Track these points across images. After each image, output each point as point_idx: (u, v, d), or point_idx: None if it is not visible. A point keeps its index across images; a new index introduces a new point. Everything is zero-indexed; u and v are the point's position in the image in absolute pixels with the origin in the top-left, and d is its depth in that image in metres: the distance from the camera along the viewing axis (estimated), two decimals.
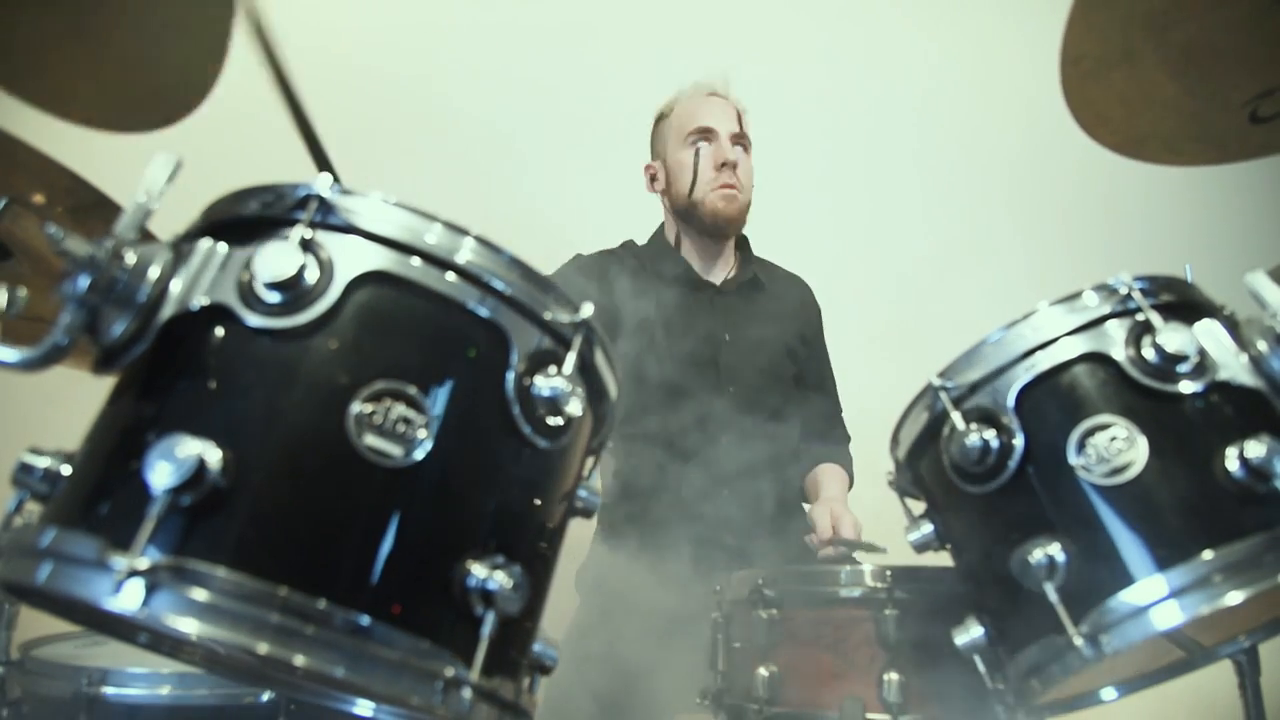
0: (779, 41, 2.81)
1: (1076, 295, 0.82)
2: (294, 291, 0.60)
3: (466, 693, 0.57)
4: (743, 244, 2.04)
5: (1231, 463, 0.71)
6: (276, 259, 0.60)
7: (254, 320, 0.60)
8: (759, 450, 1.75)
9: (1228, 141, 1.23)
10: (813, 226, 2.56)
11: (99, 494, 0.57)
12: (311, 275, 0.61)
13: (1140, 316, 0.78)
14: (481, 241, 0.67)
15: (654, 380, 1.74)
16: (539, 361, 0.67)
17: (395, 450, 0.59)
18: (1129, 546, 0.71)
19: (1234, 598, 0.66)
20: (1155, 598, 0.69)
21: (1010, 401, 0.80)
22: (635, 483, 1.74)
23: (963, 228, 2.73)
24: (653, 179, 2.00)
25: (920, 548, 0.91)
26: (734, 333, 1.88)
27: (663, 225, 2.02)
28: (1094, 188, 2.59)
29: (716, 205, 1.85)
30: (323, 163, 1.05)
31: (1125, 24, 1.16)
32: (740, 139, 1.91)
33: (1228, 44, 1.13)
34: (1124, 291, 0.80)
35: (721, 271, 1.96)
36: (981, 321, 0.85)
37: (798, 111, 2.71)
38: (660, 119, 2.00)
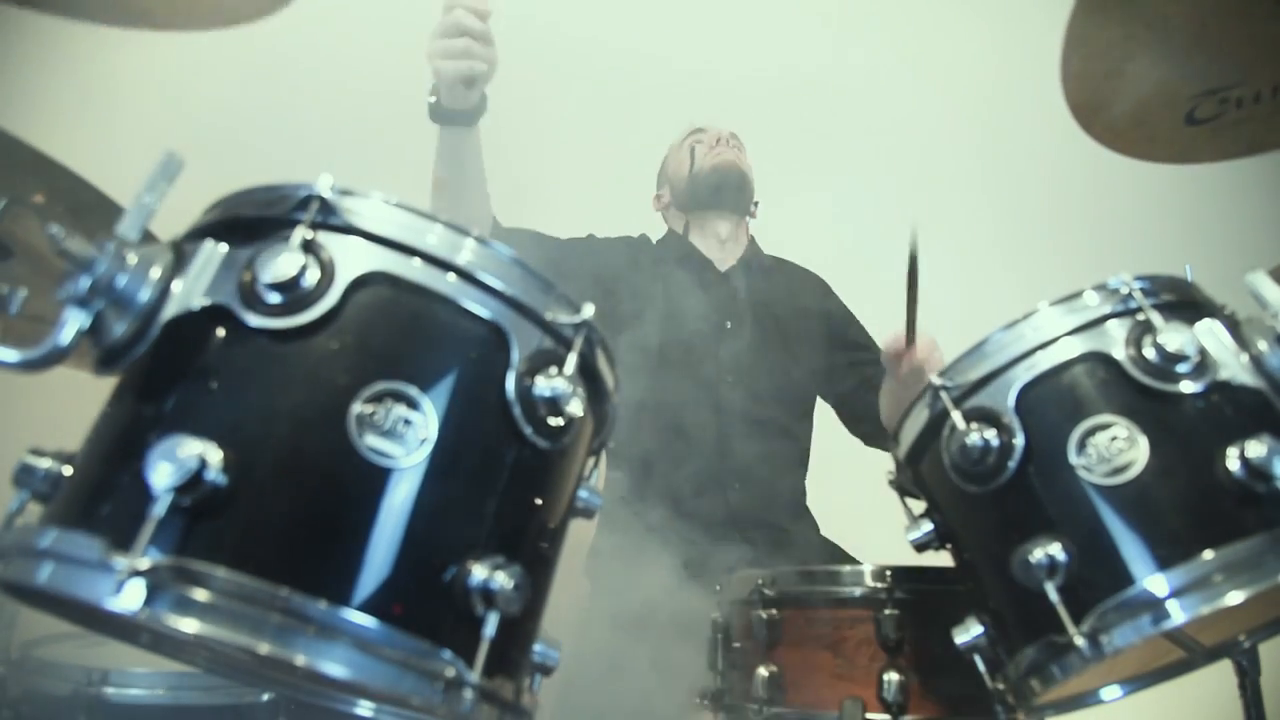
0: (778, 35, 2.82)
1: (1077, 295, 0.82)
2: (295, 292, 0.60)
3: (468, 693, 0.57)
4: (751, 240, 2.07)
5: (1232, 462, 0.71)
6: (277, 260, 0.60)
7: (255, 321, 0.60)
8: (754, 445, 1.75)
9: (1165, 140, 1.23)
10: (811, 227, 2.56)
11: (100, 494, 0.57)
12: (312, 276, 0.61)
13: (1141, 316, 0.78)
14: (482, 242, 0.67)
15: (650, 361, 1.76)
16: (540, 362, 0.67)
17: (396, 451, 0.59)
18: (1129, 546, 0.71)
19: (1234, 598, 0.66)
20: (1155, 597, 0.69)
21: (1011, 401, 0.80)
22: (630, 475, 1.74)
23: (962, 228, 2.73)
24: (657, 198, 2.10)
25: (920, 547, 0.91)
26: (736, 321, 1.89)
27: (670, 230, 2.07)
28: (1094, 188, 2.58)
29: (716, 161, 1.91)
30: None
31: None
32: (733, 138, 2.00)
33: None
34: (1124, 291, 0.80)
35: (729, 259, 1.99)
36: (982, 321, 0.85)
37: (794, 110, 2.71)
38: (663, 161, 2.12)
